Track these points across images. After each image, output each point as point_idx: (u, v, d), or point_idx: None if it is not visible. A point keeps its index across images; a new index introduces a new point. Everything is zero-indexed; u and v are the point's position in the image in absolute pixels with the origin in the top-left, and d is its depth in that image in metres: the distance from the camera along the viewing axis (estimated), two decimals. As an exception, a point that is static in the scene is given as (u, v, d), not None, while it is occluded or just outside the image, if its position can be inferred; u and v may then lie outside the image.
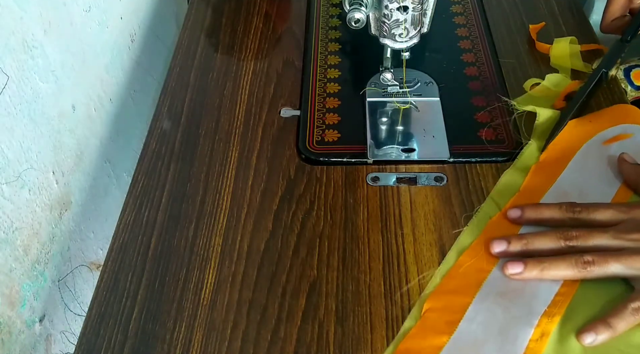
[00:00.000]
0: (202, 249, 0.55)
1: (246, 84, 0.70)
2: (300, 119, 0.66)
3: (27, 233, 0.57)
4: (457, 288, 0.49)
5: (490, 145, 0.61)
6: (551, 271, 0.48)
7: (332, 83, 0.70)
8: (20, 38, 0.56)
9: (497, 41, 0.73)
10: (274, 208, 0.57)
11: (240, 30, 0.78)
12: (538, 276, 0.48)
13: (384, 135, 0.64)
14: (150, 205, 0.59)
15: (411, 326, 0.48)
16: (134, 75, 0.81)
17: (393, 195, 0.58)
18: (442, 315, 0.48)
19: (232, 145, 0.63)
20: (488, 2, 0.79)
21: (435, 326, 0.47)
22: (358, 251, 0.54)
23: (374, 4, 0.58)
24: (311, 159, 0.61)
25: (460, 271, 0.51)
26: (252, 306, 0.51)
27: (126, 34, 0.79)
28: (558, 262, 0.48)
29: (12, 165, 0.55)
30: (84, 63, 0.68)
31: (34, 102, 0.58)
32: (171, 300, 0.51)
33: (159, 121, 0.67)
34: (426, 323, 0.48)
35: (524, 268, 0.48)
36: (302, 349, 0.48)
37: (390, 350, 0.47)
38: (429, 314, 0.48)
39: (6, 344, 0.54)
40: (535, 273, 0.48)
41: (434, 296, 0.49)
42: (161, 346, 0.49)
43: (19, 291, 0.56)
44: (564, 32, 0.73)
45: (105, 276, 0.54)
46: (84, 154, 0.68)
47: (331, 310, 0.50)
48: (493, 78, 0.69)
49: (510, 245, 0.50)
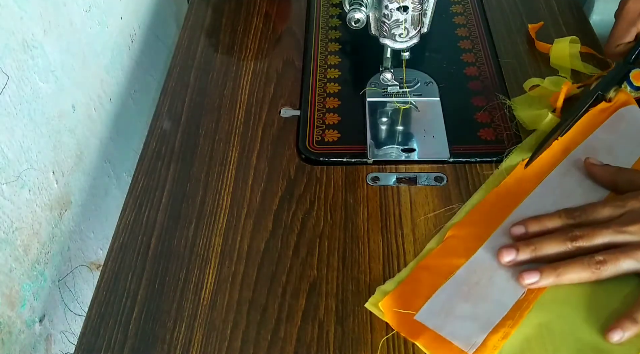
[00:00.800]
0: (202, 249, 0.55)
1: (246, 84, 0.70)
2: (300, 119, 0.66)
3: (27, 233, 0.57)
4: (481, 222, 0.54)
5: (490, 145, 0.61)
6: (567, 275, 0.48)
7: (332, 83, 0.70)
8: (20, 38, 0.56)
9: (497, 41, 0.73)
10: (274, 208, 0.57)
11: (240, 30, 0.78)
12: (555, 282, 0.48)
13: (384, 135, 0.64)
14: (150, 205, 0.59)
15: (433, 248, 0.53)
16: (134, 75, 0.81)
17: (393, 195, 0.58)
18: (463, 242, 0.52)
19: (232, 145, 0.63)
20: (488, 2, 0.79)
21: (455, 250, 0.52)
22: (358, 251, 0.54)
23: (374, 4, 0.58)
24: (311, 159, 0.61)
25: (485, 209, 0.55)
26: (252, 306, 0.51)
27: (126, 34, 0.79)
28: (572, 266, 0.48)
29: (12, 165, 0.55)
30: (84, 63, 0.68)
31: (34, 102, 0.58)
32: (171, 300, 0.51)
33: (159, 121, 0.67)
34: (447, 246, 0.52)
35: (540, 277, 0.48)
36: (302, 349, 0.48)
37: (412, 265, 0.52)
38: (451, 240, 0.53)
39: (6, 344, 0.54)
40: (552, 279, 0.48)
41: (458, 226, 0.54)
42: (161, 346, 0.49)
43: (19, 291, 0.56)
44: (564, 32, 0.73)
45: (105, 276, 0.54)
46: (84, 154, 0.68)
47: (331, 310, 0.50)
48: (493, 78, 0.69)
49: (519, 253, 0.50)
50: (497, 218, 0.54)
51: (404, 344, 0.48)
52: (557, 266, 0.48)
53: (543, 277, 0.48)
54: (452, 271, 0.50)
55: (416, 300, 0.49)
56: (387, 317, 0.48)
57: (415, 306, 0.48)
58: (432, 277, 0.50)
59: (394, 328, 0.48)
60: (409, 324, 0.47)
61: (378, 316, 0.49)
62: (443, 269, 0.51)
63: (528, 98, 0.65)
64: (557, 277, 0.48)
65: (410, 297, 0.49)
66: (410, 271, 0.51)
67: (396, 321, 0.48)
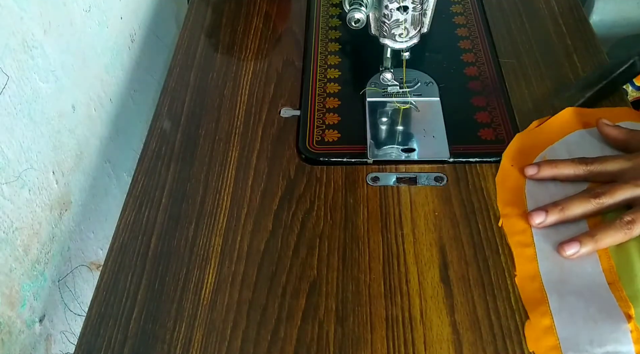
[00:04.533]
0: (202, 249, 0.55)
1: (246, 84, 0.70)
2: (300, 119, 0.66)
3: (27, 233, 0.57)
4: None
5: (490, 145, 0.61)
6: (603, 240, 0.50)
7: (332, 83, 0.70)
8: (20, 38, 0.56)
9: (497, 41, 0.73)
10: (274, 208, 0.57)
11: (240, 30, 0.78)
12: (594, 249, 0.51)
13: (384, 135, 0.64)
14: (150, 205, 0.59)
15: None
16: (134, 75, 0.81)
17: (393, 195, 0.58)
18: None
19: (232, 145, 0.63)
20: (488, 2, 0.79)
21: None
22: (358, 251, 0.54)
23: (374, 4, 0.58)
24: (311, 159, 0.61)
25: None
26: (252, 306, 0.51)
27: (126, 34, 0.79)
28: (605, 230, 0.51)
29: (12, 165, 0.55)
30: (84, 63, 0.68)
31: (34, 102, 0.58)
32: (171, 300, 0.51)
33: (159, 121, 0.67)
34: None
35: (580, 246, 0.51)
36: (302, 349, 0.48)
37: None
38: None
39: (6, 344, 0.54)
40: (591, 246, 0.51)
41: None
42: (161, 346, 0.49)
43: (19, 291, 0.56)
44: (564, 32, 0.73)
45: (105, 276, 0.54)
46: (84, 154, 0.68)
47: (331, 310, 0.50)
48: (493, 78, 0.69)
49: (548, 214, 0.52)
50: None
51: (403, 344, 0.48)
52: (593, 233, 0.51)
53: (583, 246, 0.51)
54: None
55: None
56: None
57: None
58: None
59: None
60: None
61: None
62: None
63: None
64: (596, 243, 0.51)
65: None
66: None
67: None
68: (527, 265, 0.52)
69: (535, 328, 0.48)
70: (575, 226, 0.53)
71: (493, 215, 0.56)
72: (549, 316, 0.48)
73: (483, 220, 0.55)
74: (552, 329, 0.47)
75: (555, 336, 0.47)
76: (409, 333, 0.48)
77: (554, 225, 0.53)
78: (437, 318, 0.49)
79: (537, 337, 0.47)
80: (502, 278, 0.51)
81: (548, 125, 0.61)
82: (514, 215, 0.55)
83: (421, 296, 0.50)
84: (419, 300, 0.50)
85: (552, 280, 0.50)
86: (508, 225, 0.54)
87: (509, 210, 0.55)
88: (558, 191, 0.55)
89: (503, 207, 0.56)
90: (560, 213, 0.52)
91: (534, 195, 0.56)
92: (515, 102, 0.66)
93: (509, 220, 0.55)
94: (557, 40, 0.73)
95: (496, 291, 0.50)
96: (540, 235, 0.53)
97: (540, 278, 0.50)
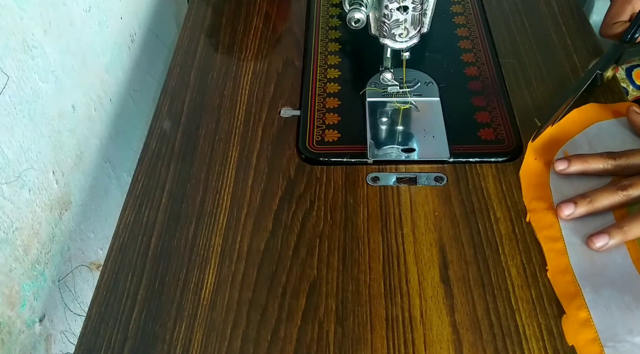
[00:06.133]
0: (202, 249, 0.55)
1: (246, 84, 0.70)
2: (300, 119, 0.66)
3: (27, 233, 0.57)
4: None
5: (490, 145, 0.61)
6: (632, 231, 0.51)
7: (332, 83, 0.70)
8: (20, 38, 0.56)
9: (497, 41, 0.73)
10: (274, 208, 0.57)
11: (240, 30, 0.78)
12: (623, 240, 0.51)
13: (384, 135, 0.64)
14: (150, 205, 0.59)
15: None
16: (134, 75, 0.81)
17: (393, 195, 0.58)
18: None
19: (232, 145, 0.63)
20: (488, 2, 0.79)
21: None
22: (358, 251, 0.54)
23: (374, 4, 0.58)
24: (311, 159, 0.61)
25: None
26: (252, 306, 0.51)
27: (126, 34, 0.79)
28: (635, 221, 0.51)
29: (12, 165, 0.55)
30: (84, 63, 0.68)
31: (34, 102, 0.58)
32: (171, 300, 0.51)
33: (159, 121, 0.67)
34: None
35: (609, 238, 0.51)
36: (302, 349, 0.48)
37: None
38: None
39: (6, 344, 0.54)
40: (620, 238, 0.51)
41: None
42: (161, 346, 0.49)
43: (19, 291, 0.56)
44: (564, 32, 0.73)
45: (105, 276, 0.54)
46: (84, 154, 0.68)
47: (331, 310, 0.50)
48: (493, 78, 0.69)
49: (577, 206, 0.53)
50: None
51: (403, 344, 0.48)
52: (621, 225, 0.51)
53: (612, 238, 0.51)
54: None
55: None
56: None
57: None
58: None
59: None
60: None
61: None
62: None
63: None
64: (624, 235, 0.51)
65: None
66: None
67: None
68: (558, 258, 0.52)
69: (572, 322, 0.48)
70: (602, 219, 0.53)
71: (493, 215, 0.56)
72: (585, 309, 0.48)
73: (483, 220, 0.55)
74: (590, 322, 0.48)
75: (593, 328, 0.47)
76: (409, 333, 0.48)
77: (581, 218, 0.53)
78: (437, 318, 0.49)
79: (575, 331, 0.48)
80: (502, 278, 0.51)
81: (567, 119, 0.61)
82: (540, 209, 0.55)
83: (421, 296, 0.50)
84: (419, 300, 0.50)
85: (584, 272, 0.50)
86: (535, 219, 0.54)
87: (535, 205, 0.55)
88: (582, 184, 0.56)
89: (529, 202, 0.56)
90: (589, 204, 0.53)
91: (560, 189, 0.56)
92: (515, 102, 0.66)
93: (536, 215, 0.55)
94: (557, 40, 0.73)
95: (496, 291, 0.50)
96: (569, 228, 0.53)
97: (572, 271, 0.51)
